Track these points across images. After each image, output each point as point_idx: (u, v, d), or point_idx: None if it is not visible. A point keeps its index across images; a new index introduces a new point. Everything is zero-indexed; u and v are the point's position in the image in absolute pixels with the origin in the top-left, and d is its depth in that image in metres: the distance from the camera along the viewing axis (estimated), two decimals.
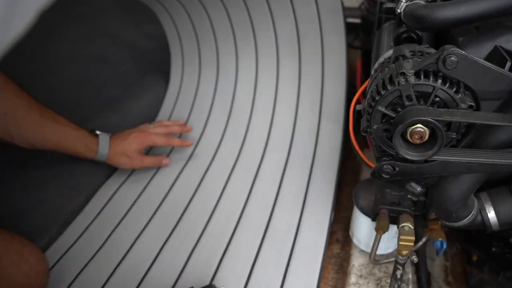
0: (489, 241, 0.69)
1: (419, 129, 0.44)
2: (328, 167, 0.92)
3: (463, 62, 0.43)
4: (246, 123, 1.04)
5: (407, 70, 0.44)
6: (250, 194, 0.87)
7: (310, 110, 0.99)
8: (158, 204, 0.86)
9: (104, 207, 0.86)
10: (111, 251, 0.76)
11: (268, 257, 0.73)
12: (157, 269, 0.72)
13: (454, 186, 0.51)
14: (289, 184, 0.89)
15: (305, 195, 0.86)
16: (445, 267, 0.80)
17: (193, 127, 1.05)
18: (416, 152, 0.46)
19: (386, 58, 0.51)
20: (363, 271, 0.69)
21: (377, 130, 0.48)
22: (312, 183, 0.89)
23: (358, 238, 0.71)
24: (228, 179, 0.91)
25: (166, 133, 0.94)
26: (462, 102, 0.45)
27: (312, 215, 0.81)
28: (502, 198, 0.53)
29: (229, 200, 0.86)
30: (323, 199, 0.84)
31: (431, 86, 0.44)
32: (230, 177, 0.92)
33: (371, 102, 0.47)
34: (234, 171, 0.93)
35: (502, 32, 0.49)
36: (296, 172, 0.91)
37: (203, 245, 0.76)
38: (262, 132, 1.03)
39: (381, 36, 0.66)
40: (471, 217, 0.53)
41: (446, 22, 0.47)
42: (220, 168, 0.94)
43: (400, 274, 0.60)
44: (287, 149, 0.98)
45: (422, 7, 0.49)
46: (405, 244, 0.57)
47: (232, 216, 0.82)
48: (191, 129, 1.02)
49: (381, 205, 0.61)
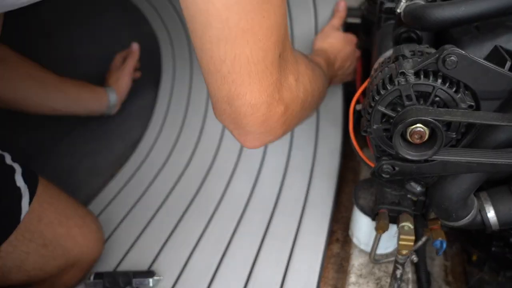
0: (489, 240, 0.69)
1: (419, 129, 0.44)
2: (329, 167, 0.92)
3: (463, 62, 0.43)
4: None
5: (407, 70, 0.44)
6: (251, 194, 0.87)
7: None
8: (158, 206, 0.86)
9: (104, 210, 0.86)
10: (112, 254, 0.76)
11: (268, 257, 0.73)
12: (156, 269, 0.72)
13: (454, 185, 0.51)
14: (290, 184, 0.89)
15: (305, 195, 0.86)
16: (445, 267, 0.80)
17: (190, 130, 1.05)
18: (416, 152, 0.46)
19: (386, 58, 0.51)
20: (363, 271, 0.69)
21: (377, 130, 0.48)
22: (312, 183, 0.89)
23: (358, 237, 0.71)
24: (229, 181, 0.91)
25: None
26: (462, 102, 0.45)
27: (312, 214, 0.81)
28: (502, 197, 0.53)
29: (230, 200, 0.86)
30: (323, 199, 0.84)
31: (431, 86, 0.44)
32: (231, 179, 0.92)
33: (371, 102, 0.47)
34: (235, 174, 0.93)
35: (502, 32, 0.49)
36: (297, 172, 0.92)
37: (203, 245, 0.76)
38: None
39: (381, 36, 0.66)
40: (471, 216, 0.53)
41: (446, 22, 0.47)
42: (220, 171, 0.94)
43: (400, 274, 0.60)
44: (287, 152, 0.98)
45: (422, 7, 0.49)
46: (405, 243, 0.57)
47: (232, 217, 0.82)
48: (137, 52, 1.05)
49: (381, 205, 0.61)
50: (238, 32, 0.37)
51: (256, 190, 0.88)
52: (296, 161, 0.96)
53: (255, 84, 0.40)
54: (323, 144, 0.94)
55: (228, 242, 0.76)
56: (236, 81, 0.40)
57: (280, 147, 1.00)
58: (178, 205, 0.85)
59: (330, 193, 0.85)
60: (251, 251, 0.74)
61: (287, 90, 0.45)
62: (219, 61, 0.39)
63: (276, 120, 0.44)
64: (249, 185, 0.89)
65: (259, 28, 0.38)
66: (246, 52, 0.38)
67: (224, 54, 0.38)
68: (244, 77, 0.39)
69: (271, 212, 0.82)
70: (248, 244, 0.75)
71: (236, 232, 0.78)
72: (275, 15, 0.39)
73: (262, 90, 0.41)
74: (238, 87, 0.40)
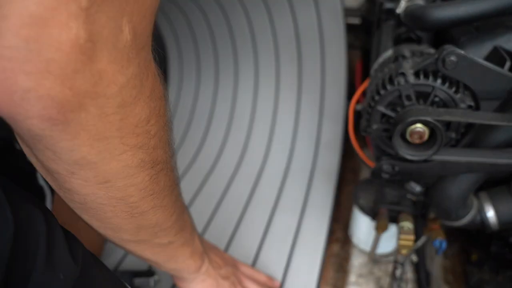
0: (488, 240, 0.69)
1: (419, 129, 0.44)
2: (329, 167, 0.92)
3: (463, 62, 0.43)
4: (246, 129, 1.04)
5: (406, 70, 0.45)
6: (251, 194, 0.87)
7: (310, 112, 0.99)
8: None
9: None
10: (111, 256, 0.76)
11: (268, 256, 0.73)
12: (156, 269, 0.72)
13: (454, 185, 0.51)
14: (290, 184, 0.89)
15: (305, 195, 0.86)
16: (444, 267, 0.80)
17: (194, 134, 1.06)
18: (415, 152, 0.46)
19: (386, 58, 0.52)
20: (362, 270, 0.69)
21: (376, 130, 0.48)
22: (312, 183, 0.89)
23: (358, 237, 0.71)
24: (230, 181, 0.91)
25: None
26: (462, 102, 0.45)
27: (312, 214, 0.81)
28: (501, 197, 0.53)
29: (230, 200, 0.86)
30: (323, 198, 0.84)
31: (431, 86, 0.44)
32: (231, 179, 0.92)
33: (370, 102, 0.47)
34: (236, 174, 0.93)
35: (502, 32, 0.49)
36: (297, 171, 0.92)
37: None
38: (263, 136, 1.03)
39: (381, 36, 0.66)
40: (470, 216, 0.53)
41: (446, 22, 0.47)
42: (221, 171, 0.94)
43: (399, 273, 0.60)
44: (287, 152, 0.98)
45: (422, 7, 0.50)
46: (405, 243, 0.57)
47: (232, 216, 0.82)
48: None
49: (381, 205, 0.61)
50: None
51: (257, 190, 0.88)
52: (297, 161, 0.96)
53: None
54: (323, 144, 0.94)
55: (229, 242, 0.76)
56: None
57: (281, 147, 1.00)
58: None
59: (330, 193, 0.86)
60: (251, 251, 0.74)
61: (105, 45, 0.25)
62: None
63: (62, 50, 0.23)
64: (250, 185, 0.90)
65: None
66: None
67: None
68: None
69: (271, 211, 0.82)
70: (248, 244, 0.76)
71: (236, 232, 0.79)
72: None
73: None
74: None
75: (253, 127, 1.06)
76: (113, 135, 0.29)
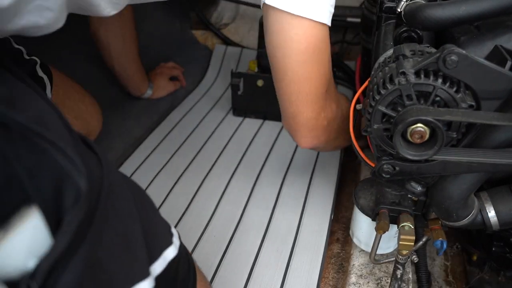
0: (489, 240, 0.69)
1: (420, 129, 0.43)
2: (329, 168, 0.92)
3: (464, 62, 0.43)
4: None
5: (407, 69, 0.44)
6: (251, 194, 0.87)
7: None
8: (159, 205, 0.86)
9: None
10: None
11: (268, 257, 0.73)
12: None
13: (455, 185, 0.50)
14: (290, 184, 0.89)
15: (305, 196, 0.86)
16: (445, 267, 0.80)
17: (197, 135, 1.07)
18: (416, 152, 0.46)
19: (386, 57, 0.51)
20: (363, 271, 0.69)
21: (377, 129, 0.48)
22: (312, 184, 0.89)
23: (358, 237, 0.71)
24: (230, 180, 0.91)
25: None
26: (463, 101, 0.45)
27: (312, 215, 0.81)
28: (502, 197, 0.53)
29: (230, 201, 0.86)
30: (324, 199, 0.84)
31: (432, 86, 0.44)
32: (231, 178, 0.92)
33: (371, 101, 0.47)
34: (235, 173, 0.93)
35: (503, 32, 0.49)
36: (297, 171, 0.91)
37: (203, 245, 0.76)
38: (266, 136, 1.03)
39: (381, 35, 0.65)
40: (471, 216, 0.53)
41: (447, 21, 0.47)
42: (221, 170, 0.94)
43: (400, 274, 0.60)
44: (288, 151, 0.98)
45: (423, 6, 0.49)
46: (405, 243, 0.56)
47: (232, 217, 0.82)
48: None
49: (381, 205, 0.61)
50: (302, 78, 0.59)
51: (257, 190, 0.88)
52: (297, 161, 0.96)
53: (308, 107, 0.62)
54: None
55: (229, 242, 0.76)
56: (298, 105, 0.62)
57: (282, 147, 1.00)
58: (177, 204, 0.85)
59: (330, 193, 0.85)
60: (252, 251, 0.74)
61: (330, 112, 0.66)
62: (289, 94, 0.61)
63: (321, 130, 0.65)
64: (250, 185, 0.89)
65: (315, 75, 0.59)
66: (305, 89, 0.60)
67: (293, 90, 0.60)
68: (303, 102, 0.61)
69: (271, 212, 0.82)
70: (248, 244, 0.75)
71: (236, 232, 0.78)
72: (324, 67, 0.61)
73: (313, 111, 0.62)
74: (299, 108, 0.62)
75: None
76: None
